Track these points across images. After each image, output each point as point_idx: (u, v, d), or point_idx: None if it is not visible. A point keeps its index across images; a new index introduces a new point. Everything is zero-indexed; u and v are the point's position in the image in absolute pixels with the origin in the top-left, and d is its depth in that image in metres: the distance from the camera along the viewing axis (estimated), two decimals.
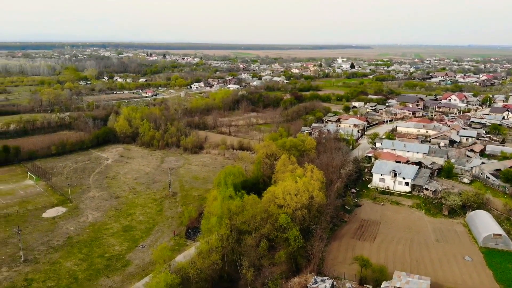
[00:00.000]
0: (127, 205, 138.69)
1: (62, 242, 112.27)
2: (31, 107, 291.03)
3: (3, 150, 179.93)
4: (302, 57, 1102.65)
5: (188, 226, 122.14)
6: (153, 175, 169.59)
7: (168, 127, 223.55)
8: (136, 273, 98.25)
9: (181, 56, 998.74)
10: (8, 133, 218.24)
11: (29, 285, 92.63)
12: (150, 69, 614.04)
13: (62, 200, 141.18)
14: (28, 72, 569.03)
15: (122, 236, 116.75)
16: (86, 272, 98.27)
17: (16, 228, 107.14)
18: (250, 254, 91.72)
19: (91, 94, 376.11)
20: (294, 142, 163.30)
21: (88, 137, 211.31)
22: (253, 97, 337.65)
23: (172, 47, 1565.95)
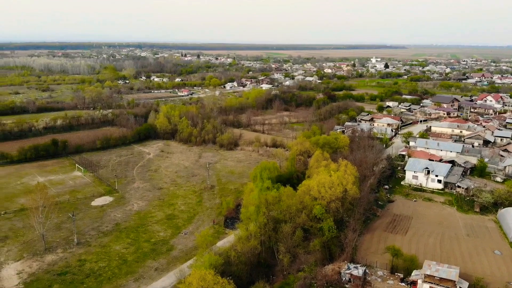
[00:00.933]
0: (169, 195, 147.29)
1: (111, 228, 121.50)
2: (75, 104, 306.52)
3: (52, 144, 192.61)
4: (335, 57, 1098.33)
5: (226, 216, 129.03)
6: (192, 169, 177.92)
7: (205, 124, 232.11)
8: (180, 256, 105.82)
9: (214, 57, 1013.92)
10: (55, 128, 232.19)
11: (83, 265, 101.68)
12: (185, 69, 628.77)
13: (109, 190, 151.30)
14: (69, 71, 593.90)
15: (165, 223, 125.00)
16: (134, 254, 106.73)
17: (71, 213, 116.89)
18: (286, 241, 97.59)
19: (130, 92, 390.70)
20: (328, 140, 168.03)
21: (131, 133, 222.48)
22: (285, 96, 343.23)
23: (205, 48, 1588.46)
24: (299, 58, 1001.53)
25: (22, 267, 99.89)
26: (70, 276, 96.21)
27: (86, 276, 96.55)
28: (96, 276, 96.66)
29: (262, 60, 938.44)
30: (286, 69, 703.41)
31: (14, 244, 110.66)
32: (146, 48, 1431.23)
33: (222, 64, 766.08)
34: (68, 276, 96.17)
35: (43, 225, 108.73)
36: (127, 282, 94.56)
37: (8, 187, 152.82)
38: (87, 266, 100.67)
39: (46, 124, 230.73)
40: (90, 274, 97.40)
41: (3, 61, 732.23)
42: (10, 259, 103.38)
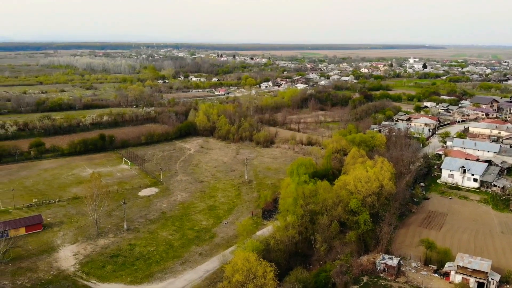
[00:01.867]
0: (209, 188, 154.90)
1: (157, 216, 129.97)
2: (118, 102, 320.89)
3: (100, 138, 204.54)
4: (371, 56, 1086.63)
5: (264, 209, 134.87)
6: (230, 165, 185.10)
7: (242, 122, 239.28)
8: (222, 244, 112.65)
9: (249, 57, 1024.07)
10: (101, 124, 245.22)
11: (133, 249, 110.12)
12: (222, 69, 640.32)
13: (154, 182, 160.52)
14: (111, 70, 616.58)
15: (207, 213, 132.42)
16: (180, 240, 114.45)
17: (122, 201, 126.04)
18: (323, 232, 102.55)
19: (170, 92, 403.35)
20: (364, 138, 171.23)
21: (172, 130, 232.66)
22: (321, 95, 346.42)
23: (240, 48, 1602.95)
24: (335, 58, 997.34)
25: (78, 249, 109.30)
26: (121, 259, 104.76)
27: (136, 258, 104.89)
28: (146, 259, 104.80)
29: (297, 60, 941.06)
30: (322, 69, 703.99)
31: (69, 229, 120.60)
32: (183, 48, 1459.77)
33: (257, 64, 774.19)
34: (120, 258, 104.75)
35: (96, 212, 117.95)
36: (174, 265, 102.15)
37: (61, 177, 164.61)
38: (137, 250, 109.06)
39: (93, 120, 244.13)
40: (139, 257, 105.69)
41: (47, 60, 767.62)
42: (66, 242, 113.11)
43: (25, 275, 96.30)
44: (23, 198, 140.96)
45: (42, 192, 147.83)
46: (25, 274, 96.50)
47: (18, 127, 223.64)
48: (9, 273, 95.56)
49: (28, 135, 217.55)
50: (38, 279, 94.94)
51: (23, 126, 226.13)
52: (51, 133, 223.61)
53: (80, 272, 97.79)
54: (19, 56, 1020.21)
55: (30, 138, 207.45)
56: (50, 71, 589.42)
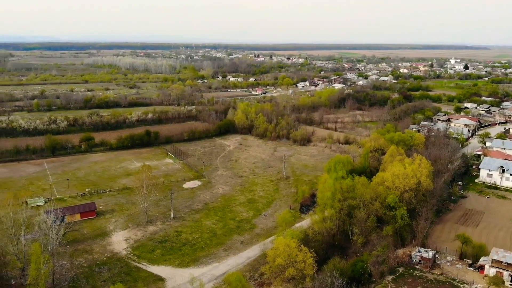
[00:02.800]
0: (249, 183, 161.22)
1: (201, 207, 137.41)
2: (161, 100, 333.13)
3: (146, 134, 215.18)
4: (411, 57, 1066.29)
5: (301, 203, 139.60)
6: (268, 161, 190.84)
7: (279, 121, 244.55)
8: (262, 234, 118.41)
9: (286, 57, 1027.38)
10: (146, 121, 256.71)
11: (179, 235, 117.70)
12: (259, 69, 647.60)
13: (197, 175, 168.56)
14: (152, 70, 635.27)
15: (247, 206, 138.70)
16: (222, 229, 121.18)
17: (170, 191, 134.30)
18: (360, 226, 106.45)
19: (209, 91, 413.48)
20: (402, 137, 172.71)
21: (212, 127, 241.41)
22: (359, 95, 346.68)
23: (277, 48, 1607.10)
24: (373, 58, 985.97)
25: (129, 234, 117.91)
26: (169, 244, 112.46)
27: (182, 244, 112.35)
28: (191, 245, 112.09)
29: (335, 60, 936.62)
30: (360, 68, 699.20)
31: (120, 216, 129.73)
32: (221, 49, 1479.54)
33: (294, 64, 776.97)
34: (168, 244, 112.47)
35: (146, 201, 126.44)
36: (217, 251, 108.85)
37: (110, 169, 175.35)
38: (183, 237, 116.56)
39: (138, 117, 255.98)
40: (186, 243, 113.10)
41: (91, 60, 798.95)
42: (118, 228, 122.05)
43: (82, 256, 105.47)
44: (76, 187, 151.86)
45: (93, 182, 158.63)
46: (82, 256, 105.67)
47: (68, 122, 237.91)
48: (68, 254, 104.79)
49: (78, 130, 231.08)
50: (93, 260, 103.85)
51: (73, 121, 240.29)
52: (100, 128, 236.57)
53: (132, 255, 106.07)
54: (64, 55, 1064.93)
55: (80, 133, 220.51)
56: (94, 70, 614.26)
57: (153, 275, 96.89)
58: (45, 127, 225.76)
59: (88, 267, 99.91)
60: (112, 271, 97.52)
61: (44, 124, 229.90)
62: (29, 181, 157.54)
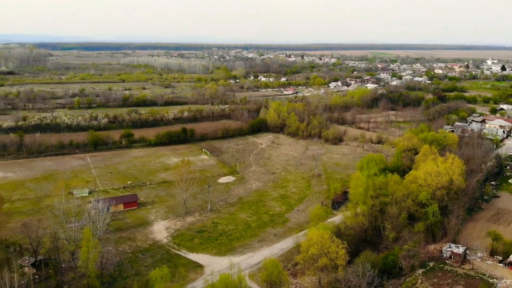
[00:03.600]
0: (281, 179, 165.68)
1: (236, 201, 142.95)
2: (195, 99, 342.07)
3: (182, 131, 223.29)
4: (446, 57, 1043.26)
5: (333, 200, 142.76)
6: (300, 159, 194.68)
7: (311, 120, 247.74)
8: (294, 227, 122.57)
9: (318, 57, 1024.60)
10: (182, 119, 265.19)
11: (216, 226, 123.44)
12: (290, 69, 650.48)
13: (231, 171, 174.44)
14: (186, 70, 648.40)
15: (280, 201, 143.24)
16: (256, 222, 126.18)
17: (207, 184, 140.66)
18: (392, 221, 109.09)
19: (241, 91, 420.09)
20: (436, 137, 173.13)
21: (245, 126, 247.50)
22: (392, 95, 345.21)
23: (308, 48, 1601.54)
24: (407, 58, 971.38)
25: (169, 224, 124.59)
26: (206, 234, 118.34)
27: (219, 234, 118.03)
28: (227, 235, 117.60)
29: (368, 60, 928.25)
30: (393, 69, 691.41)
31: (160, 207, 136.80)
32: (252, 49, 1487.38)
33: (326, 64, 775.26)
34: (205, 233, 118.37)
35: (185, 193, 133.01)
36: (252, 242, 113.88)
37: (149, 164, 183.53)
38: (220, 228, 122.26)
39: (174, 115, 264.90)
40: (222, 233, 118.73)
41: (127, 60, 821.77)
42: (159, 218, 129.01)
43: (126, 243, 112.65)
44: (118, 180, 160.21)
45: (134, 176, 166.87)
46: (126, 243, 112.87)
47: (109, 119, 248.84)
48: (113, 241, 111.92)
49: (118, 126, 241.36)
50: (137, 247, 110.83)
51: (113, 118, 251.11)
52: (138, 125, 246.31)
53: (172, 243, 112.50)
54: (100, 55, 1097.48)
55: (119, 130, 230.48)
56: (130, 70, 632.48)
57: (192, 262, 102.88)
58: (87, 124, 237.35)
59: (132, 253, 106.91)
60: (154, 257, 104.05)
61: (86, 120, 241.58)
62: (74, 173, 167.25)
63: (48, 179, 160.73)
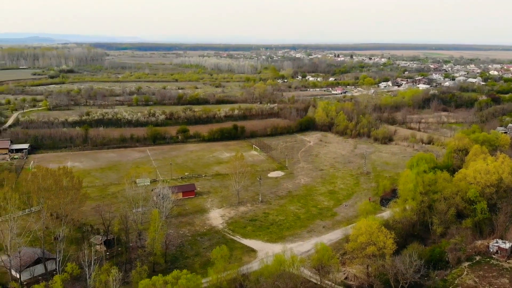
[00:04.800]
0: (329, 176, 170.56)
1: (285, 194, 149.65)
2: (245, 98, 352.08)
3: (233, 128, 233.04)
4: (502, 58, 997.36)
5: (382, 197, 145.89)
6: (348, 157, 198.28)
7: (360, 119, 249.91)
8: (342, 221, 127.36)
9: (367, 57, 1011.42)
10: (233, 117, 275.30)
11: (267, 216, 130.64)
12: (339, 69, 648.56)
13: (280, 167, 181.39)
14: (235, 70, 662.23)
15: (328, 196, 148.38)
16: (305, 214, 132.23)
17: (259, 177, 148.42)
18: (440, 217, 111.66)
19: (288, 90, 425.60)
20: (488, 137, 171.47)
21: (293, 124, 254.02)
22: (444, 96, 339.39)
23: (358, 48, 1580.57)
24: (461, 59, 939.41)
25: (223, 212, 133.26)
26: (258, 222, 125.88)
27: (270, 224, 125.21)
28: (278, 225, 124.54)
29: (420, 60, 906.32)
30: (446, 69, 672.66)
31: (215, 197, 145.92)
32: (300, 49, 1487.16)
33: (376, 64, 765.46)
34: (257, 222, 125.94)
35: (238, 184, 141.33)
36: (301, 232, 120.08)
37: (204, 158, 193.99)
38: (270, 217, 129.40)
39: (225, 113, 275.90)
40: (273, 223, 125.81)
41: (179, 60, 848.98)
42: (214, 206, 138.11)
43: (185, 227, 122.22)
44: (176, 171, 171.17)
45: (190, 168, 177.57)
46: (185, 227, 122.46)
47: (165, 116, 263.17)
48: (174, 225, 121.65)
49: (174, 123, 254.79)
50: (195, 231, 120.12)
51: (169, 115, 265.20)
52: (192, 122, 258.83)
53: (227, 229, 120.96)
54: (153, 55, 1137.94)
55: (175, 126, 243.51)
56: (182, 70, 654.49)
57: (246, 247, 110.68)
58: (146, 119, 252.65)
59: (192, 236, 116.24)
60: (212, 241, 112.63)
61: (145, 116, 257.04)
62: (135, 164, 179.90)
63: (112, 169, 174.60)
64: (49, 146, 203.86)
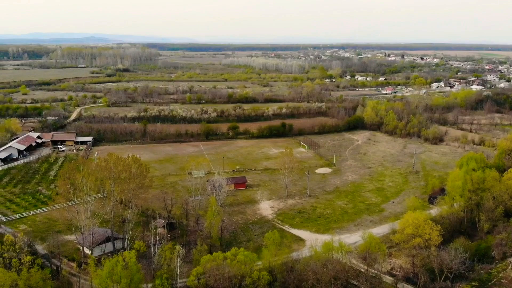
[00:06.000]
0: (377, 173, 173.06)
1: (332, 189, 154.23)
2: (292, 97, 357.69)
3: (282, 126, 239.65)
4: None
5: (430, 195, 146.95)
6: (397, 156, 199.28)
7: (411, 118, 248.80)
8: (389, 217, 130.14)
9: (419, 57, 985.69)
10: (281, 115, 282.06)
11: (315, 209, 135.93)
12: (389, 69, 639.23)
13: (327, 163, 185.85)
14: (282, 70, 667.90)
15: (376, 193, 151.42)
16: (353, 209, 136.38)
17: (307, 172, 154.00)
18: (488, 214, 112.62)
19: (336, 90, 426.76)
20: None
21: (341, 123, 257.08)
22: (499, 98, 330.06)
23: (409, 48, 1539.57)
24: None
25: (273, 204, 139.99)
26: (306, 215, 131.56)
27: (318, 216, 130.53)
28: (325, 218, 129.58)
29: (474, 60, 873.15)
30: (502, 70, 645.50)
31: (265, 190, 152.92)
32: (349, 49, 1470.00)
33: (428, 64, 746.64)
34: (305, 214, 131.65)
35: (287, 178, 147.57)
36: (348, 225, 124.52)
37: (253, 153, 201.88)
38: (318, 211, 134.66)
39: (274, 111, 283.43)
40: (320, 216, 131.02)
41: (228, 60, 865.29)
42: (264, 198, 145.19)
43: (238, 216, 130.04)
44: (228, 165, 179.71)
45: (240, 162, 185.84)
46: (238, 215, 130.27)
47: (217, 113, 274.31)
48: (227, 213, 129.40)
49: (224, 120, 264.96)
50: (247, 219, 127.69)
51: (220, 113, 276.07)
52: (242, 119, 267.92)
53: (276, 219, 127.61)
54: (203, 56, 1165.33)
55: (226, 123, 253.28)
56: (231, 70, 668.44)
57: (295, 236, 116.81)
58: (198, 116, 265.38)
59: (243, 224, 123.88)
60: (262, 229, 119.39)
61: (198, 114, 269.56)
62: (190, 158, 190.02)
63: (170, 161, 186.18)
64: (111, 139, 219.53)
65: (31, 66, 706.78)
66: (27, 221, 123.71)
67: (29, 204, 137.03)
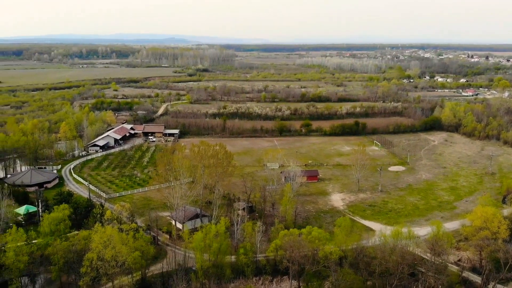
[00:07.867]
0: (452, 173, 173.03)
1: (405, 186, 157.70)
2: (367, 97, 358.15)
3: (355, 124, 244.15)
4: None
5: (504, 195, 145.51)
6: (474, 158, 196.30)
7: (490, 121, 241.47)
8: (461, 214, 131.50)
9: (505, 58, 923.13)
10: (354, 114, 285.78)
11: (386, 204, 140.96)
12: (471, 70, 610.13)
13: (401, 162, 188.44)
14: (357, 70, 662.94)
15: (449, 191, 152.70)
16: (424, 205, 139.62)
17: (379, 168, 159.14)
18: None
19: (414, 90, 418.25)
20: None
21: (418, 123, 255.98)
22: None
23: (495, 49, 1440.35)
24: None
25: (344, 197, 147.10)
26: (377, 208, 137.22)
27: (388, 210, 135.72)
28: (396, 212, 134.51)
29: None
30: None
31: (336, 184, 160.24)
32: (429, 49, 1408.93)
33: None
34: (376, 208, 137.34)
35: (359, 173, 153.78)
36: (419, 220, 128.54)
37: (325, 150, 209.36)
38: (389, 205, 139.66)
39: (347, 110, 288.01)
40: (391, 210, 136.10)
41: (302, 61, 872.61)
42: (335, 191, 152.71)
43: (310, 205, 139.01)
44: (300, 159, 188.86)
45: (313, 157, 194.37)
46: (310, 205, 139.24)
47: (290, 111, 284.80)
48: (300, 202, 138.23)
49: (297, 118, 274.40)
50: (319, 209, 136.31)
51: (293, 111, 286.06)
52: (315, 117, 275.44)
53: (347, 210, 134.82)
54: (277, 56, 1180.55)
55: (299, 120, 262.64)
56: (305, 70, 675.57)
57: (365, 226, 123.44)
58: (273, 114, 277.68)
59: (315, 213, 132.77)
60: (333, 218, 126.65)
61: (272, 111, 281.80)
62: (265, 152, 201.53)
63: (247, 154, 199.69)
64: (194, 133, 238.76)
65: (118, 64, 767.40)
66: (125, 199, 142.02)
67: (127, 185, 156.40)
